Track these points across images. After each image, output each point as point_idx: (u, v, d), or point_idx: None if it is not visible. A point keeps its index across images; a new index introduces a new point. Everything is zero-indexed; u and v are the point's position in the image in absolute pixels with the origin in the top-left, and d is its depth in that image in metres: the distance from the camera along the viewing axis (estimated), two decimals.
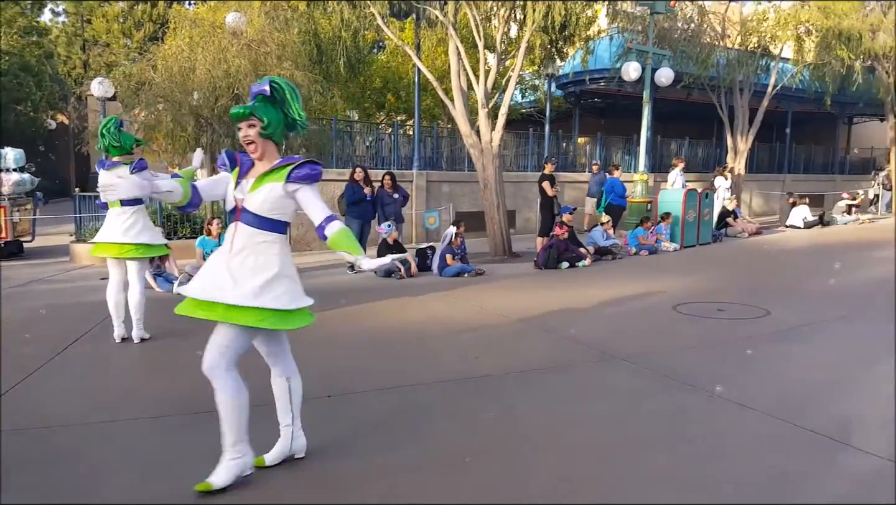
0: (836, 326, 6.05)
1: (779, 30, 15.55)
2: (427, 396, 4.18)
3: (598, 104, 20.07)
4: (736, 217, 14.25)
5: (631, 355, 4.95)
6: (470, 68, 10.63)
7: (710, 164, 19.17)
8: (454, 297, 7.57)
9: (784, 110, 20.35)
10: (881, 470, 3.02)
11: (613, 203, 12.37)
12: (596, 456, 3.27)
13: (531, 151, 16.14)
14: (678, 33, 15.73)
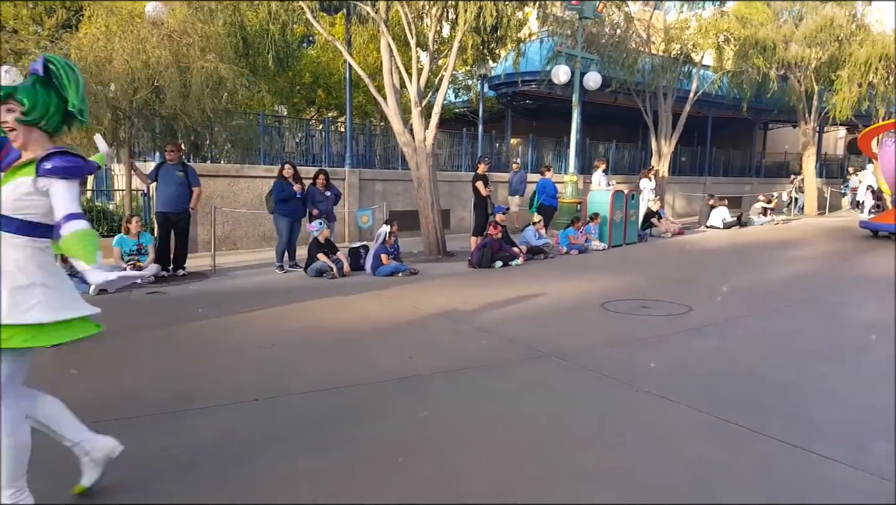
0: (752, 321, 6.32)
1: (700, 38, 16.23)
2: (359, 397, 4.08)
3: (530, 106, 20.40)
4: (660, 218, 14.77)
5: (561, 352, 5.01)
6: (402, 66, 10.54)
7: (636, 166, 19.82)
8: (388, 296, 7.47)
9: (705, 115, 21.29)
10: (795, 458, 3.15)
11: (545, 203, 12.57)
12: (527, 453, 3.26)
13: (465, 151, 16.22)
14: (605, 38, 16.18)
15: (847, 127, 25.29)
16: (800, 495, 2.81)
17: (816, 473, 3.00)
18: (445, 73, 10.62)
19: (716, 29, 16.12)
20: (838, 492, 2.82)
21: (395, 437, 3.46)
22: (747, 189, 22.88)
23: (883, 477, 2.90)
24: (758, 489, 2.86)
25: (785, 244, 12.70)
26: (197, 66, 8.80)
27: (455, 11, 10.28)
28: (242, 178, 11.76)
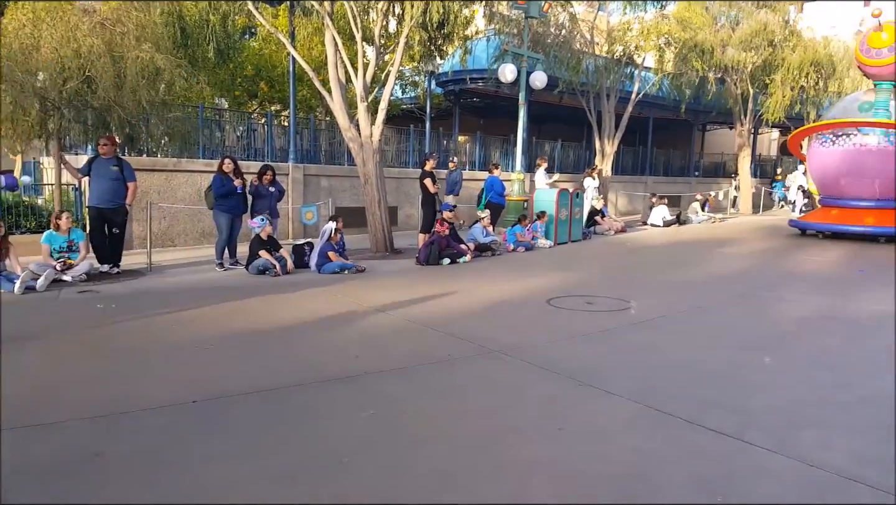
0: (690, 315, 6.51)
1: (642, 40, 16.62)
2: (303, 398, 3.98)
3: (478, 104, 20.49)
4: (603, 216, 15.08)
5: (508, 348, 5.03)
6: (348, 60, 10.40)
7: (581, 165, 20.17)
8: (333, 294, 7.36)
9: (646, 116, 21.86)
10: (729, 446, 3.25)
11: (493, 201, 12.64)
12: (474, 448, 3.26)
13: (412, 148, 16.15)
14: (551, 38, 16.40)
15: (780, 129, 26.40)
16: (731, 482, 2.89)
17: (748, 461, 3.10)
18: (392, 69, 10.53)
19: (657, 32, 16.55)
20: (767, 479, 2.92)
21: (340, 437, 3.39)
22: (686, 188, 23.60)
23: (810, 464, 3.02)
24: (692, 478, 2.93)
25: (721, 241, 13.15)
26: (132, 56, 8.45)
27: (401, 7, 10.20)
28: (181, 172, 11.38)
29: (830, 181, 13.38)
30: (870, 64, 12.66)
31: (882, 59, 12.34)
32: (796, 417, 3.68)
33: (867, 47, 12.57)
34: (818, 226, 13.41)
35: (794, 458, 3.08)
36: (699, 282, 8.52)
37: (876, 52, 12.41)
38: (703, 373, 4.52)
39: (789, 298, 7.41)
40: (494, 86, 16.07)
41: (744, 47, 18.02)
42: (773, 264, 10.19)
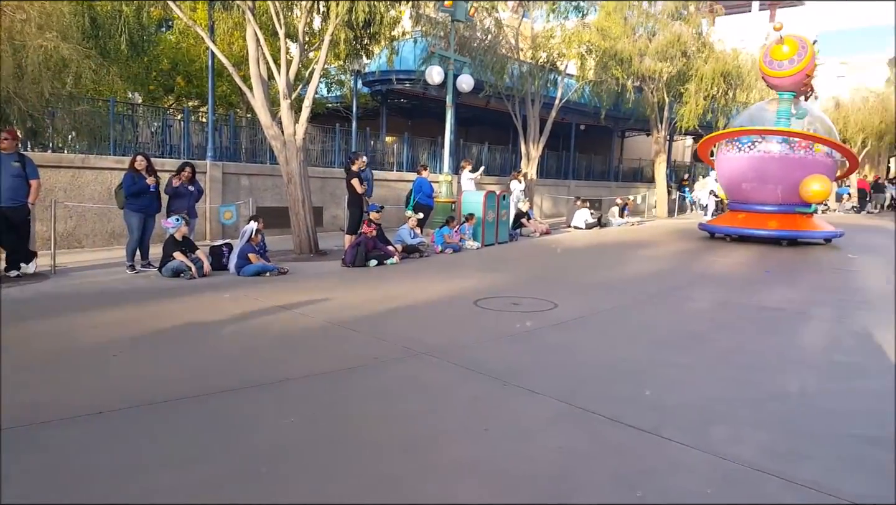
0: (611, 315, 6.69)
1: (564, 47, 17.03)
2: (220, 406, 3.80)
3: (405, 105, 20.44)
4: (529, 218, 15.34)
5: (435, 350, 5.00)
6: (270, 57, 10.11)
7: (507, 168, 20.46)
8: (254, 297, 7.09)
9: (569, 122, 22.45)
10: (647, 442, 3.33)
11: (421, 202, 12.60)
12: (400, 451, 3.21)
13: (338, 147, 15.89)
14: (477, 42, 16.55)
15: (694, 136, 27.76)
16: (650, 477, 2.96)
17: (665, 456, 3.19)
18: (317, 67, 10.30)
19: (578, 40, 17.01)
20: (683, 473, 3.01)
21: (261, 445, 3.25)
22: (607, 192, 24.39)
23: (722, 457, 3.14)
24: (613, 475, 2.99)
25: (639, 243, 13.65)
26: (34, 45, 7.89)
27: (326, 4, 10.01)
28: (89, 169, 10.70)
29: (737, 187, 14.02)
30: (772, 75, 13.29)
31: (783, 70, 13.01)
32: (709, 412, 3.83)
33: (770, 59, 13.20)
34: (726, 229, 14.04)
35: (708, 452, 3.20)
36: (619, 282, 8.79)
37: (778, 64, 13.06)
38: (622, 371, 4.64)
39: (702, 297, 7.75)
40: (422, 87, 16.05)
41: (660, 57, 18.81)
42: (686, 265, 10.66)
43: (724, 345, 5.49)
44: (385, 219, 11.23)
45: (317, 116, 16.94)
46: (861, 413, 3.86)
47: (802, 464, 3.10)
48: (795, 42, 12.99)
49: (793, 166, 12.81)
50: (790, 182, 12.76)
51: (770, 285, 8.95)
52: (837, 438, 3.46)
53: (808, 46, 13.01)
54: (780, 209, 13.26)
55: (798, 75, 13.06)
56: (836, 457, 3.22)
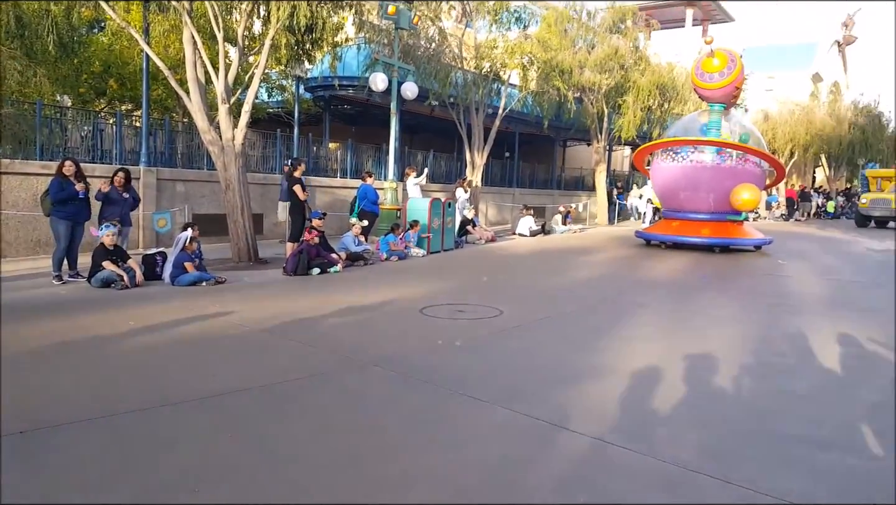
0: (554, 321, 6.76)
1: (507, 58, 17.25)
2: (151, 423, 3.61)
3: (349, 111, 20.27)
4: (474, 225, 15.42)
5: (380, 359, 4.92)
6: (208, 60, 9.82)
7: (453, 176, 20.54)
8: (189, 308, 6.83)
9: (513, 131, 22.73)
10: (591, 448, 3.35)
11: (366, 209, 12.47)
12: (342, 466, 3.11)
13: (279, 153, 15.58)
14: (421, 51, 16.58)
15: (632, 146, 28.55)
16: (593, 482, 2.98)
17: (608, 460, 3.22)
18: (257, 71, 10.07)
19: (520, 51, 17.25)
20: (624, 476, 3.04)
21: (195, 464, 3.10)
22: (550, 200, 24.80)
23: (662, 459, 3.18)
24: (557, 480, 2.99)
25: (581, 250, 13.90)
26: None
27: (267, 8, 9.81)
28: (13, 174, 10.13)
29: (671, 195, 14.31)
30: (704, 87, 13.58)
31: (714, 82, 13.30)
32: (649, 415, 3.89)
33: (701, 72, 13.49)
34: (661, 237, 14.24)
35: (649, 455, 3.24)
36: (563, 289, 8.90)
37: (709, 77, 13.34)
38: (566, 377, 4.67)
39: (641, 303, 7.92)
40: (366, 94, 15.94)
41: (599, 70, 19.29)
42: (626, 272, 10.91)
43: (664, 349, 5.61)
44: (328, 226, 11.06)
45: (257, 122, 16.60)
46: (793, 413, 3.98)
47: (739, 464, 3.17)
48: (725, 55, 13.31)
49: (724, 176, 13.08)
50: (722, 191, 13.02)
51: (706, 290, 9.25)
52: (772, 437, 3.56)
53: (737, 60, 13.38)
54: (713, 217, 13.50)
55: (728, 87, 13.38)
56: (771, 456, 3.30)
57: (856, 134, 31.58)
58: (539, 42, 17.56)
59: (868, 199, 23.68)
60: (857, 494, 2.92)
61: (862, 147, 32.02)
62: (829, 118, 30.83)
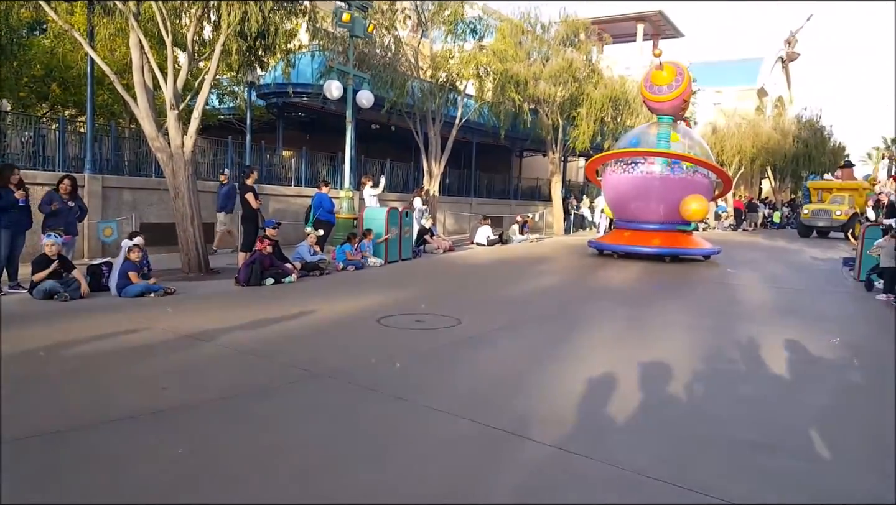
0: (512, 330, 6.76)
1: (462, 68, 17.33)
2: (96, 440, 3.44)
3: (303, 118, 19.99)
4: (432, 235, 15.38)
5: (337, 371, 4.81)
6: (156, 65, 9.54)
7: (410, 185, 20.48)
8: (136, 319, 6.56)
9: (470, 141, 22.82)
10: (550, 457, 3.33)
11: (322, 218, 12.29)
12: (297, 480, 3.01)
13: (231, 160, 15.23)
14: (377, 59, 16.50)
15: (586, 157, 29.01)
16: (552, 490, 2.96)
17: (566, 468, 3.21)
18: (207, 77, 9.83)
19: (476, 61, 17.36)
20: (583, 484, 3.03)
21: (142, 482, 2.96)
22: (507, 210, 24.95)
23: (620, 466, 3.18)
24: (517, 490, 2.96)
25: (538, 259, 14.01)
26: None
27: (217, 13, 9.59)
28: None
29: (622, 206, 14.43)
30: (653, 99, 13.73)
31: (663, 95, 13.46)
32: (606, 422, 3.91)
33: (651, 84, 13.62)
34: (613, 247, 14.32)
35: (606, 462, 3.24)
36: (521, 297, 8.93)
37: (658, 89, 13.48)
38: (525, 385, 4.66)
39: (596, 311, 8.01)
40: (321, 101, 15.76)
41: (553, 82, 19.56)
42: (582, 280, 11.03)
43: (619, 356, 5.66)
44: (283, 236, 10.84)
45: (208, 128, 16.23)
46: (744, 419, 4.05)
47: (693, 469, 3.21)
48: (674, 69, 13.44)
49: (674, 186, 13.23)
50: (671, 201, 13.16)
51: (658, 299, 9.42)
52: (724, 443, 3.61)
53: (685, 73, 13.55)
54: (663, 227, 13.65)
55: (676, 100, 13.55)
56: (723, 461, 3.35)
57: (799, 147, 32.86)
58: (494, 53, 17.68)
59: (810, 210, 24.33)
60: (804, 497, 2.98)
61: (805, 159, 33.35)
62: (774, 132, 31.97)
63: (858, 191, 24.78)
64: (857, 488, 3.08)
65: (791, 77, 45.42)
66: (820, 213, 23.80)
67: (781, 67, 43.04)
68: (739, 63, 39.40)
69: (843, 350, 6.05)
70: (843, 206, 23.59)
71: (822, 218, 23.61)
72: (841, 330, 6.96)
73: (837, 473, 3.25)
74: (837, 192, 25.13)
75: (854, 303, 9.10)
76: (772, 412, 4.22)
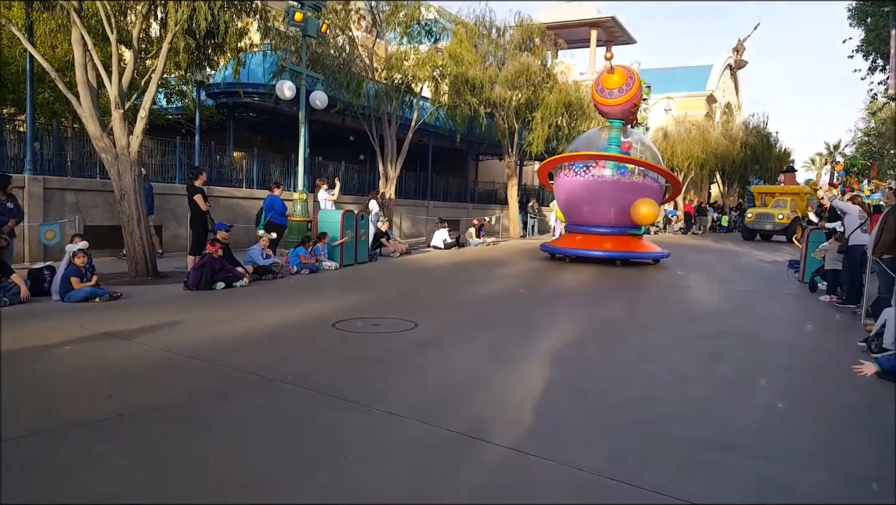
0: (469, 333, 6.75)
1: (418, 70, 17.29)
2: (39, 449, 3.28)
3: (255, 119, 19.59)
4: (389, 238, 15.27)
5: (290, 377, 4.70)
6: (101, 63, 9.20)
7: (366, 187, 20.31)
8: (80, 325, 6.30)
9: (426, 144, 22.78)
10: (508, 459, 3.32)
11: (274, 221, 12.05)
12: (249, 489, 2.92)
13: (179, 161, 14.81)
14: (331, 60, 16.31)
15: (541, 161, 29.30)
16: (509, 492, 2.95)
17: (523, 470, 3.20)
18: (154, 75, 9.52)
19: (432, 63, 17.34)
20: (540, 485, 3.03)
21: (86, 491, 2.83)
22: (464, 213, 25.02)
23: (576, 467, 3.20)
24: (474, 492, 2.94)
25: (495, 262, 14.06)
26: None
27: (164, 10, 9.32)
28: None
29: (573, 209, 14.36)
30: (604, 103, 13.64)
31: (613, 98, 13.39)
32: (563, 424, 3.93)
33: (601, 87, 13.52)
34: (565, 250, 14.14)
35: (563, 463, 3.25)
36: (477, 300, 8.93)
37: (608, 93, 13.39)
38: (482, 388, 4.64)
39: (552, 313, 8.08)
40: (273, 102, 15.47)
41: (509, 86, 19.70)
42: (537, 283, 11.12)
43: (574, 358, 5.71)
44: (234, 239, 10.60)
45: (156, 129, 15.74)
46: (697, 418, 4.12)
47: (648, 469, 3.23)
48: (624, 72, 13.44)
49: (624, 190, 13.25)
50: (622, 205, 13.16)
51: (612, 301, 9.55)
52: (677, 442, 3.66)
53: (636, 77, 13.56)
54: (614, 231, 13.63)
55: (627, 104, 13.52)
56: (677, 460, 3.40)
57: (747, 152, 33.96)
58: (450, 56, 17.69)
59: (753, 214, 24.80)
60: (756, 494, 3.03)
61: (752, 164, 34.46)
62: (723, 137, 32.95)
63: (800, 195, 25.36)
64: (807, 484, 3.16)
65: (739, 84, 46.95)
66: (763, 216, 24.32)
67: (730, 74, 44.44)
68: (689, 70, 40.46)
69: (790, 349, 6.24)
70: (785, 210, 24.12)
71: (765, 221, 24.13)
72: (787, 330, 7.18)
73: (788, 470, 3.32)
74: (780, 196, 25.73)
75: (799, 304, 9.41)
76: (723, 411, 4.31)
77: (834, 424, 4.15)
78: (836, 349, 6.38)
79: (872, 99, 27.57)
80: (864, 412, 4.44)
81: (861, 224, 8.47)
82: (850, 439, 3.86)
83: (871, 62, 19.28)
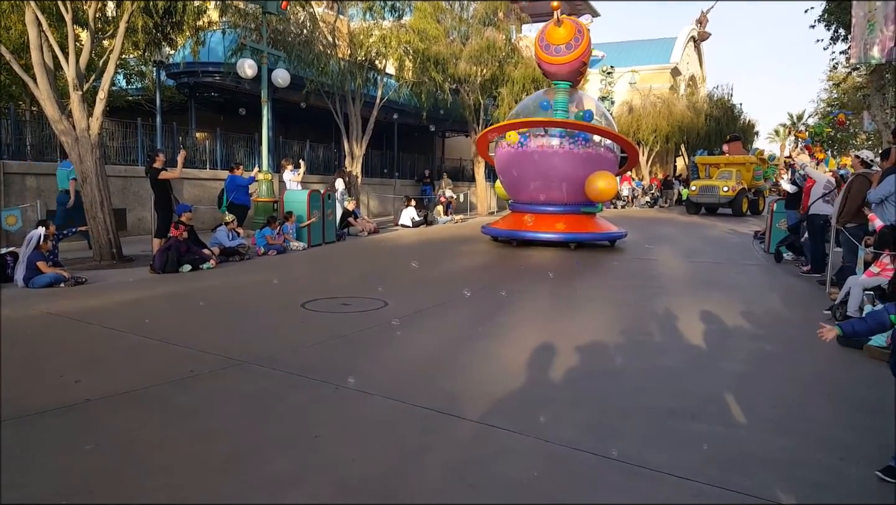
0: (438, 311, 6.85)
1: (382, 46, 17.10)
2: (3, 438, 3.25)
3: (217, 99, 19.20)
4: (356, 217, 15.24)
5: (260, 357, 4.75)
6: (57, 44, 8.93)
7: (332, 167, 20.14)
8: (46, 311, 6.23)
9: (392, 122, 22.62)
10: (480, 434, 3.44)
11: (236, 202, 11.94)
12: (223, 470, 2.98)
13: (141, 143, 14.51)
14: (292, 37, 16.03)
15: None
16: (480, 465, 3.06)
17: (494, 443, 3.32)
18: (112, 56, 9.29)
19: (397, 40, 17.17)
20: (510, 458, 3.16)
21: (55, 475, 2.86)
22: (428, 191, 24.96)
23: (546, 439, 3.33)
24: (447, 467, 3.04)
25: (463, 240, 14.13)
26: None
27: None
28: None
29: (518, 185, 12.41)
30: (549, 61, 11.74)
31: (560, 56, 11.56)
32: (531, 396, 4.06)
33: (546, 43, 11.66)
34: (510, 233, 12.19)
35: (532, 435, 3.38)
36: (446, 278, 9.03)
37: (555, 49, 11.56)
38: (453, 364, 4.76)
39: (518, 289, 8.20)
40: (234, 81, 15.17)
41: (474, 61, 19.61)
42: (505, 260, 11.21)
43: (543, 332, 5.85)
44: (200, 220, 10.48)
45: (116, 110, 15.37)
46: (665, 388, 4.26)
47: (615, 439, 3.36)
48: (573, 25, 11.60)
49: (575, 162, 11.52)
50: (574, 179, 11.45)
51: (579, 275, 9.71)
52: (646, 412, 3.80)
53: (585, 32, 11.72)
54: (566, 210, 11.89)
55: (575, 62, 11.70)
56: (645, 430, 3.53)
57: (711, 125, 34.34)
58: (415, 31, 17.51)
59: (697, 186, 22.53)
60: (723, 461, 3.13)
61: (717, 136, 35.00)
62: (687, 110, 33.25)
63: (746, 165, 23.10)
64: (774, 448, 3.27)
65: (703, 56, 47.42)
66: (707, 189, 22.10)
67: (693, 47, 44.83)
68: (653, 43, 40.63)
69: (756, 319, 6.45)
70: (730, 182, 21.95)
71: (709, 194, 21.97)
72: (753, 300, 7.38)
73: (754, 436, 3.44)
74: (725, 167, 23.26)
75: (764, 274, 9.65)
76: (691, 381, 4.45)
77: (800, 391, 4.29)
78: (801, 318, 6.52)
79: (833, 68, 27.96)
80: (828, 379, 4.61)
81: (825, 194, 8.56)
82: (815, 405, 4.02)
83: (833, 31, 19.43)
